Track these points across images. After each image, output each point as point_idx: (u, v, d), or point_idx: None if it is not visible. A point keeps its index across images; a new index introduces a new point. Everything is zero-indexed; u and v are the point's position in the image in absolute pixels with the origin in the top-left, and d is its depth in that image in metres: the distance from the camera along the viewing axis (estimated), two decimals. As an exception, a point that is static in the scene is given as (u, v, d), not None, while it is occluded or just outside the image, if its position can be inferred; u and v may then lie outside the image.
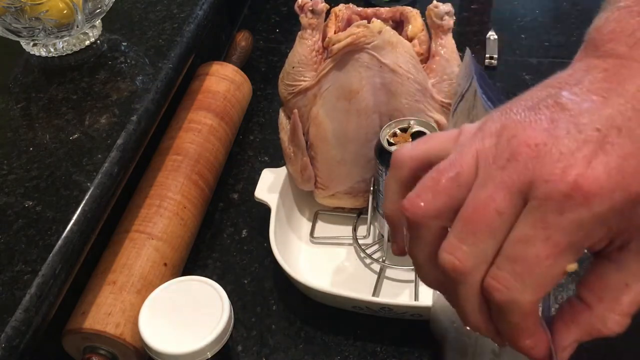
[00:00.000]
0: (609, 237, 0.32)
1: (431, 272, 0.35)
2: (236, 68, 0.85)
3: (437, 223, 0.33)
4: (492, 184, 0.31)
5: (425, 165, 0.35)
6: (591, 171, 0.29)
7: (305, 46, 0.67)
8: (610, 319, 0.32)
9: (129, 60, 0.70)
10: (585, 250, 0.33)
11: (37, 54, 0.71)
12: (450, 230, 0.32)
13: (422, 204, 0.33)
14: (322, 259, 0.71)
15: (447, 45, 0.67)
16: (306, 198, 0.74)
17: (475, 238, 0.31)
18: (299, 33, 0.68)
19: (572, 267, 0.30)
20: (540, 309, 0.35)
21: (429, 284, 0.36)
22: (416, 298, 0.66)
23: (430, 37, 0.68)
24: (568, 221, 0.29)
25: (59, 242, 0.52)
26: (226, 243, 0.74)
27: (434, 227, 0.33)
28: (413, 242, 0.35)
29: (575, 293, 0.34)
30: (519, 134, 0.31)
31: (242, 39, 0.93)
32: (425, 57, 0.68)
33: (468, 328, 0.35)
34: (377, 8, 0.71)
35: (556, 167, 0.30)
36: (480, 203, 0.31)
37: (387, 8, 0.70)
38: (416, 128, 0.63)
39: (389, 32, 0.64)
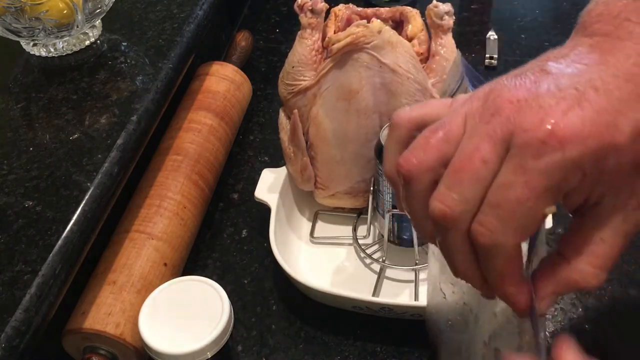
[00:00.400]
0: (585, 192, 0.34)
1: (426, 224, 0.37)
2: (236, 68, 0.85)
3: (429, 176, 0.35)
4: (477, 136, 0.33)
5: (421, 127, 0.37)
6: (566, 121, 0.32)
7: (305, 46, 0.67)
8: (587, 272, 0.34)
9: (129, 60, 0.70)
10: (570, 215, 0.35)
11: (37, 54, 0.71)
12: (440, 181, 0.35)
13: (415, 160, 0.36)
14: (322, 259, 0.71)
15: (447, 45, 0.67)
16: (306, 198, 0.74)
17: (462, 186, 0.33)
18: (299, 33, 0.68)
19: (551, 209, 0.32)
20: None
21: (424, 236, 0.38)
22: (416, 298, 0.66)
23: (430, 37, 0.68)
24: (544, 165, 0.31)
25: (59, 242, 0.52)
26: (226, 243, 0.74)
27: (426, 180, 0.36)
28: (408, 196, 0.37)
29: (555, 249, 0.36)
30: (503, 94, 0.34)
31: (242, 39, 0.93)
32: (425, 57, 0.68)
33: (464, 295, 0.36)
34: (376, 8, 0.71)
35: (535, 118, 0.32)
36: (467, 154, 0.34)
37: (387, 8, 0.71)
38: (416, 128, 0.63)
39: (389, 32, 0.64)
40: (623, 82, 0.33)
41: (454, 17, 0.67)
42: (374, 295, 0.66)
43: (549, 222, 0.65)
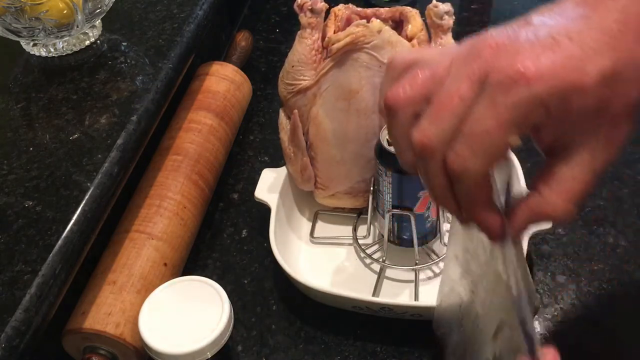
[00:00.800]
0: (553, 131, 0.38)
1: (407, 153, 0.40)
2: (236, 68, 0.85)
3: (412, 109, 0.39)
4: (459, 77, 0.37)
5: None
6: (537, 62, 0.35)
7: (304, 45, 0.67)
8: (558, 205, 0.38)
9: (129, 60, 0.70)
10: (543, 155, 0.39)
11: (37, 54, 0.71)
12: (422, 115, 0.38)
13: (402, 94, 0.39)
14: (322, 259, 0.71)
15: (446, 44, 0.67)
16: (306, 198, 0.74)
17: (441, 119, 0.37)
18: (299, 32, 0.68)
19: (515, 140, 0.36)
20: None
21: (407, 166, 0.42)
22: (416, 298, 0.66)
23: (430, 37, 0.68)
24: (512, 100, 0.35)
25: (59, 242, 0.52)
26: (226, 243, 0.74)
27: (409, 112, 0.39)
28: (393, 127, 0.40)
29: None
30: (487, 40, 0.37)
31: (242, 39, 0.93)
32: (425, 57, 0.68)
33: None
34: (376, 8, 0.71)
35: (509, 60, 0.35)
36: (447, 92, 0.37)
37: (387, 8, 0.70)
38: (416, 128, 0.63)
39: (388, 32, 0.64)
40: (599, 34, 0.35)
41: (454, 17, 0.67)
42: (374, 295, 0.66)
43: (547, 224, 0.65)
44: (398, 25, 0.70)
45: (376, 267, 0.69)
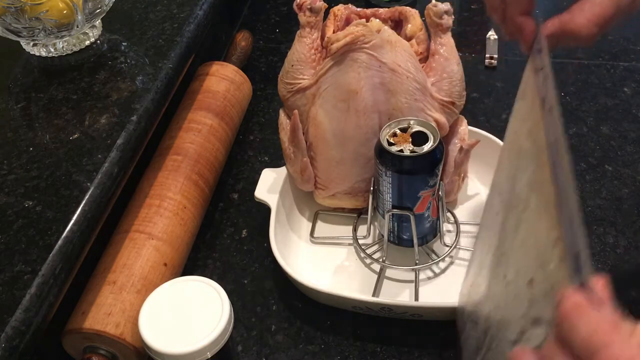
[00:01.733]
0: None
1: None
2: (236, 68, 0.85)
3: None
4: None
5: None
6: None
7: (304, 44, 0.67)
8: (582, 24, 0.47)
9: (129, 60, 0.70)
10: None
11: (37, 54, 0.71)
12: None
13: None
14: (322, 259, 0.71)
15: (446, 44, 0.67)
16: (306, 198, 0.74)
17: None
18: (298, 32, 0.68)
19: None
20: None
21: None
22: (416, 298, 0.66)
23: (429, 37, 0.68)
24: None
25: (59, 242, 0.52)
26: (226, 243, 0.74)
27: None
28: None
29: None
30: None
31: (242, 39, 0.93)
32: (425, 56, 0.68)
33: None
34: (375, 8, 0.71)
35: None
36: None
37: (386, 8, 0.70)
38: (416, 128, 0.63)
39: (388, 32, 0.64)
40: None
41: (453, 16, 0.67)
42: (374, 295, 0.66)
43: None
44: (397, 25, 0.70)
45: (376, 267, 0.69)
